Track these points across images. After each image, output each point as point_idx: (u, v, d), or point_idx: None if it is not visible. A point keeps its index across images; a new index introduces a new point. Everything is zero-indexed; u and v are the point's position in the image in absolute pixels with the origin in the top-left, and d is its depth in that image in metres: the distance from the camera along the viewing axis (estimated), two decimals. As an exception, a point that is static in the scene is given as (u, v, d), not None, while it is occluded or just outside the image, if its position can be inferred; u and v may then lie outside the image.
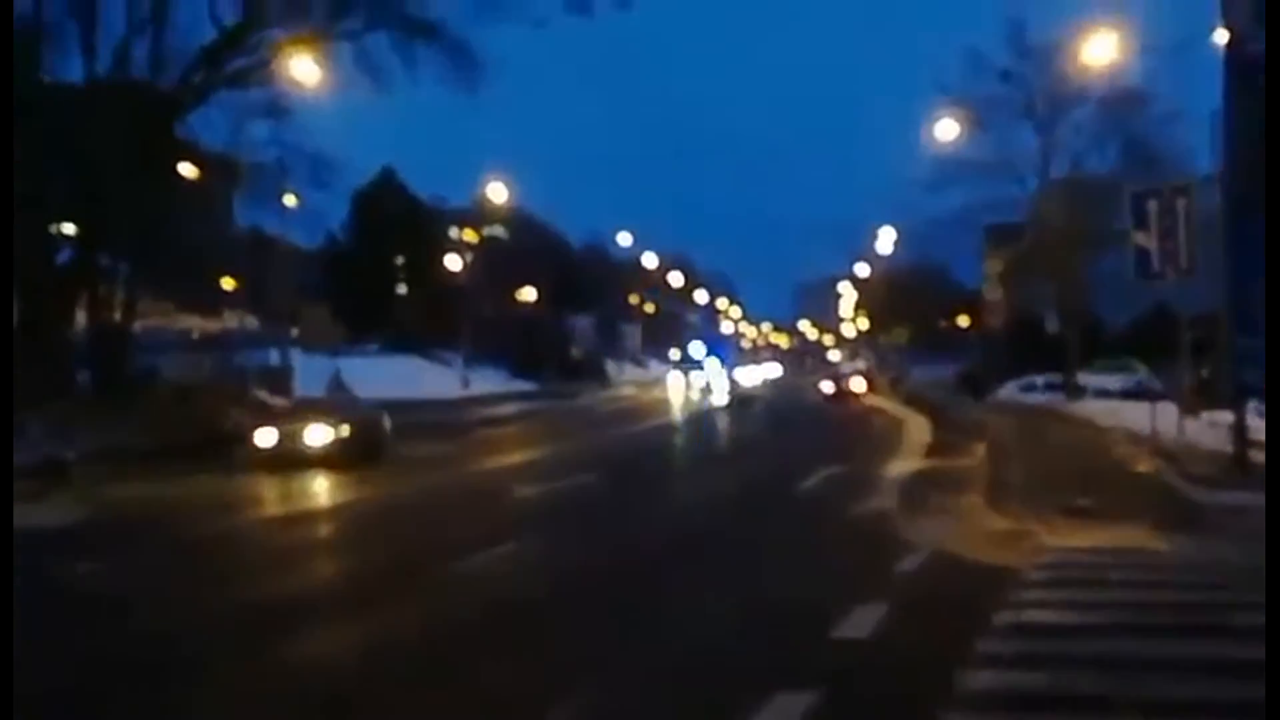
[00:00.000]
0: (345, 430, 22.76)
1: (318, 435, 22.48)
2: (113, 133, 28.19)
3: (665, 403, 52.50)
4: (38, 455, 21.60)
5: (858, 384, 57.28)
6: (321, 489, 19.63)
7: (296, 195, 33.71)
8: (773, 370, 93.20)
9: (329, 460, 21.81)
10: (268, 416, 23.90)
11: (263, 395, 31.18)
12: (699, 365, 75.76)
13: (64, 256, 29.68)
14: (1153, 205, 19.78)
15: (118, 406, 26.36)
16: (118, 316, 29.91)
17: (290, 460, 21.63)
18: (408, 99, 33.94)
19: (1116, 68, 34.35)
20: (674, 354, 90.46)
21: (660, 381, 73.66)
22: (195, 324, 39.24)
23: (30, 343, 27.95)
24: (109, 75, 29.05)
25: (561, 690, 7.42)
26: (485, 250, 61.77)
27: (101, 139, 28.48)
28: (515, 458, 25.15)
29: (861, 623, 8.84)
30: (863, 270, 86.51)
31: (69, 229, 30.49)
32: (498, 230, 66.17)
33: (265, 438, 22.45)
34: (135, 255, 30.89)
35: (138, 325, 30.88)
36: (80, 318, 29.51)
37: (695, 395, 60.46)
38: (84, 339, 29.61)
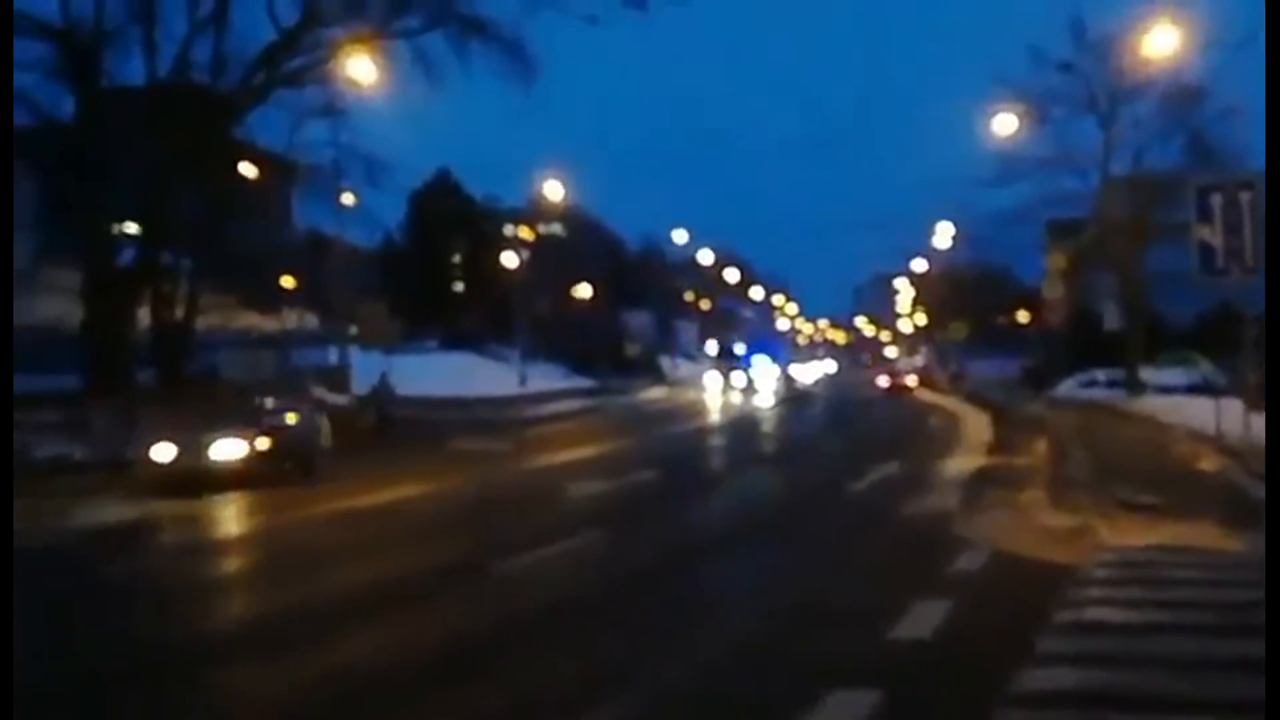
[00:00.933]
0: (263, 443, 19.53)
1: (227, 449, 19.13)
2: (174, 134, 28.57)
3: (707, 402, 51.85)
4: (100, 452, 21.96)
5: (910, 379, 64.77)
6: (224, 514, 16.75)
7: (354, 194, 33.99)
8: (828, 366, 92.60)
9: (241, 478, 18.70)
10: (168, 426, 20.01)
11: (322, 393, 31.51)
12: (742, 362, 74.02)
13: (127, 256, 30.09)
14: (1217, 199, 19.47)
15: (179, 404, 26.68)
16: (179, 315, 30.31)
17: (191, 479, 18.33)
18: (463, 98, 34.13)
19: (1178, 61, 33.84)
20: (711, 348, 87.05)
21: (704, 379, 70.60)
22: (254, 322, 39.64)
23: (93, 341, 28.41)
24: (170, 77, 29.42)
25: (618, 684, 7.42)
26: (541, 248, 61.97)
27: (163, 140, 28.87)
28: (565, 456, 25.07)
29: (921, 621, 8.77)
30: (920, 266, 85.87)
31: (131, 229, 30.91)
32: (554, 228, 66.37)
33: (163, 452, 18.99)
34: (196, 254, 31.29)
35: (199, 323, 31.25)
36: (143, 316, 29.92)
37: (737, 394, 58.84)
38: (147, 337, 30.01)
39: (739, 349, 77.61)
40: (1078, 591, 9.80)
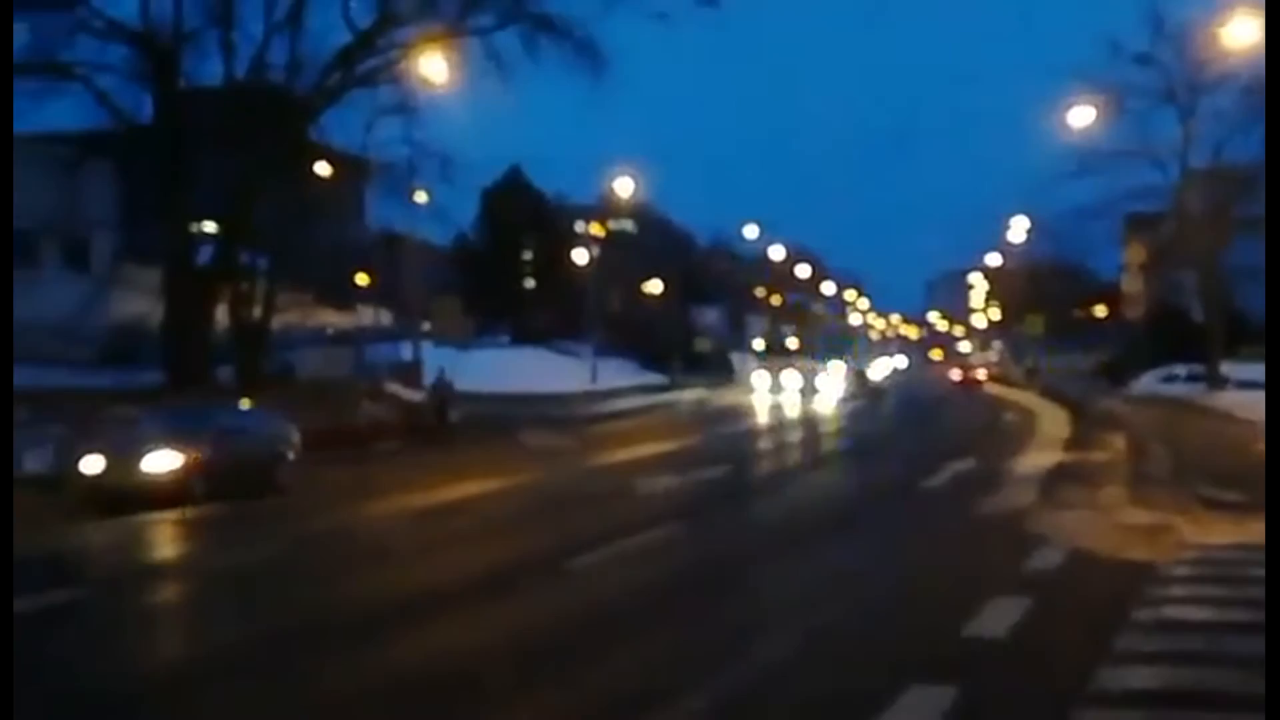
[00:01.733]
0: (201, 453, 17.09)
1: (159, 461, 16.74)
2: (251, 135, 29.01)
3: (757, 403, 49.10)
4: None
5: (981, 373, 70.43)
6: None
7: (427, 192, 34.24)
8: (899, 362, 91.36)
9: (176, 494, 16.43)
10: (99, 434, 17.65)
11: (395, 388, 31.83)
12: (816, 359, 68.72)
13: (206, 255, 30.61)
14: (1301, 190, 19.06)
15: (257, 401, 27.09)
16: (257, 313, 30.77)
17: (120, 495, 16.12)
18: (535, 95, 34.30)
19: (1259, 52, 33.11)
20: (758, 343, 77.50)
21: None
22: (330, 320, 40.14)
23: (173, 338, 28.95)
24: (247, 79, 29.86)
25: (698, 675, 7.46)
26: (612, 244, 62.08)
27: (240, 141, 29.33)
28: (634, 452, 24.97)
29: (998, 619, 8.72)
30: (994, 261, 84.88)
31: (210, 228, 31.43)
32: (625, 224, 66.43)
33: (92, 464, 16.72)
34: (273, 253, 31.74)
35: (275, 321, 31.69)
36: (222, 314, 30.42)
37: (788, 396, 53.70)
38: (226, 335, 30.51)
39: (791, 343, 72.74)
40: (1157, 590, 9.70)
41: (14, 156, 24.37)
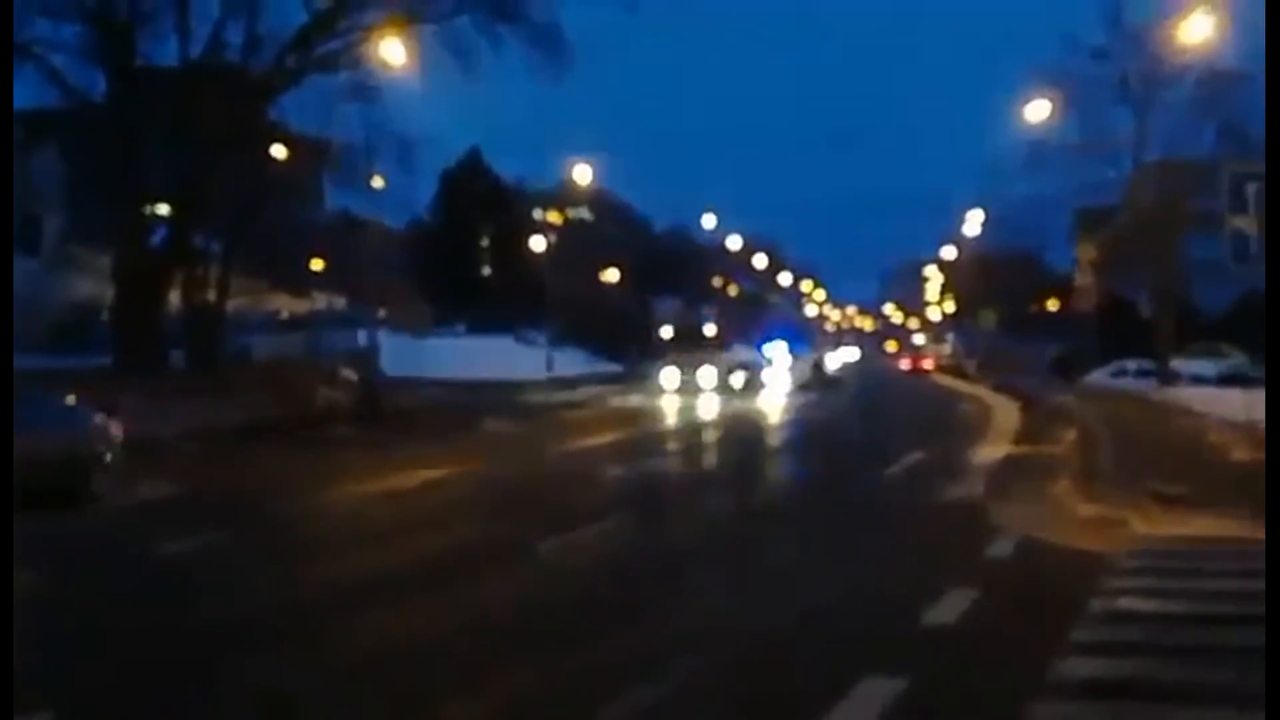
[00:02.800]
0: None
1: None
2: (207, 116, 28.70)
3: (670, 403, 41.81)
4: (131, 433, 22.07)
5: (928, 363, 76.76)
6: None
7: (384, 177, 34.06)
8: (852, 354, 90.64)
9: None
10: None
11: (350, 375, 31.65)
12: (754, 350, 56.92)
13: (158, 238, 30.29)
14: (1252, 188, 19.37)
15: (210, 385, 26.88)
16: (211, 297, 30.49)
17: None
18: (494, 81, 34.11)
19: (1213, 47, 33.47)
20: (665, 331, 62.36)
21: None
22: (285, 304, 39.85)
23: (124, 322, 28.64)
24: (203, 59, 29.54)
25: (641, 671, 7.34)
26: (569, 232, 62.00)
27: (196, 122, 29.02)
28: (588, 441, 24.80)
29: (950, 609, 8.72)
30: (950, 253, 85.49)
31: (162, 211, 31.11)
32: (582, 212, 66.34)
33: None
34: (228, 236, 31.47)
35: (229, 305, 31.43)
36: (174, 298, 30.12)
37: (699, 396, 42.19)
38: (178, 319, 30.23)
39: (709, 330, 58.29)
40: (1108, 580, 9.74)
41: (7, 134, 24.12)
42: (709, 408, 37.30)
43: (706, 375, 45.80)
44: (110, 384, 25.40)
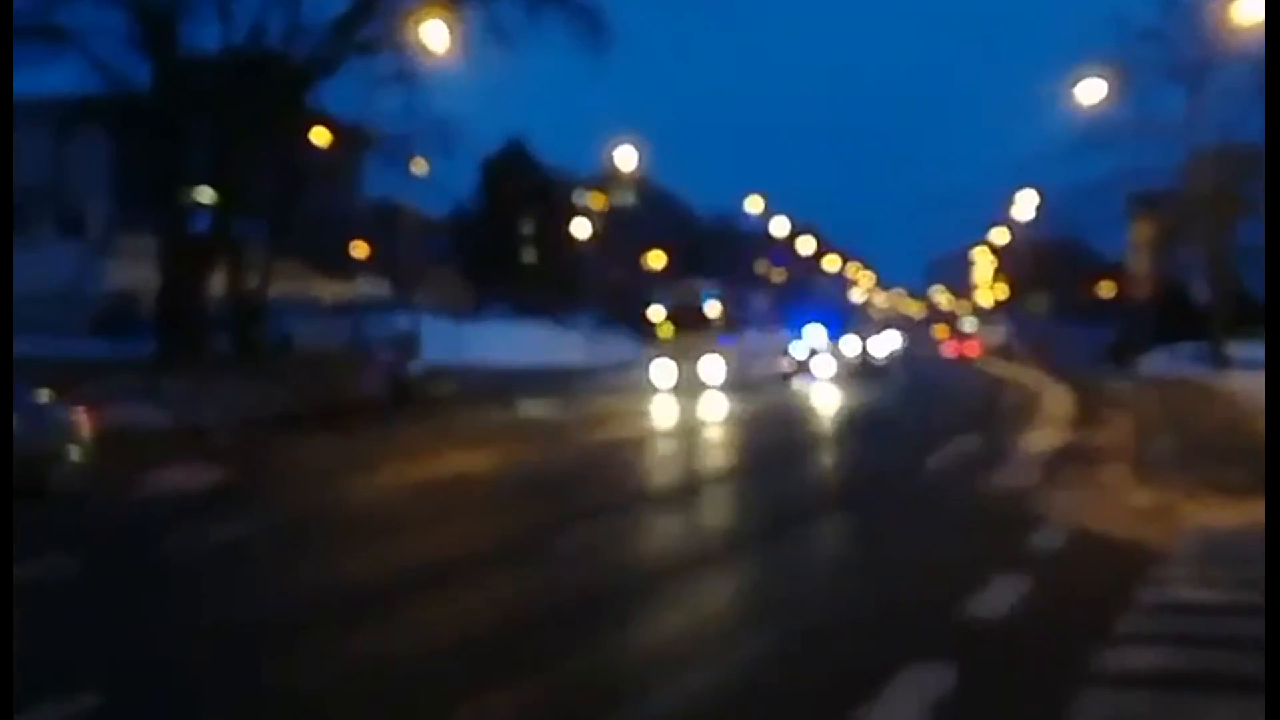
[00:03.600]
0: None
1: None
2: (248, 102, 28.72)
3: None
4: (175, 419, 22.16)
5: (973, 347, 73.00)
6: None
7: (425, 163, 34.01)
8: (896, 339, 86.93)
9: None
10: None
11: (389, 360, 31.64)
12: (717, 335, 41.32)
13: (201, 225, 30.36)
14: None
15: (253, 372, 26.94)
16: (253, 284, 30.57)
17: None
18: (536, 65, 33.94)
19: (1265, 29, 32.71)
20: (655, 312, 41.82)
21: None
22: (327, 291, 39.96)
23: (168, 308, 28.74)
24: (244, 45, 29.55)
25: (687, 657, 7.35)
26: (612, 217, 61.87)
27: (237, 109, 29.03)
28: (626, 430, 24.66)
29: (999, 598, 8.58)
30: (1000, 237, 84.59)
31: (205, 198, 31.18)
32: (626, 197, 66.17)
33: None
34: (270, 223, 31.53)
35: (272, 292, 31.50)
36: (218, 283, 30.22)
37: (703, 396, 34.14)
38: (222, 305, 30.34)
39: (712, 310, 40.77)
40: (1160, 570, 9.58)
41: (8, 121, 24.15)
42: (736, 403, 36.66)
43: (711, 369, 36.23)
44: (153, 370, 25.56)
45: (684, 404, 30.71)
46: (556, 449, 20.91)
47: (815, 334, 48.12)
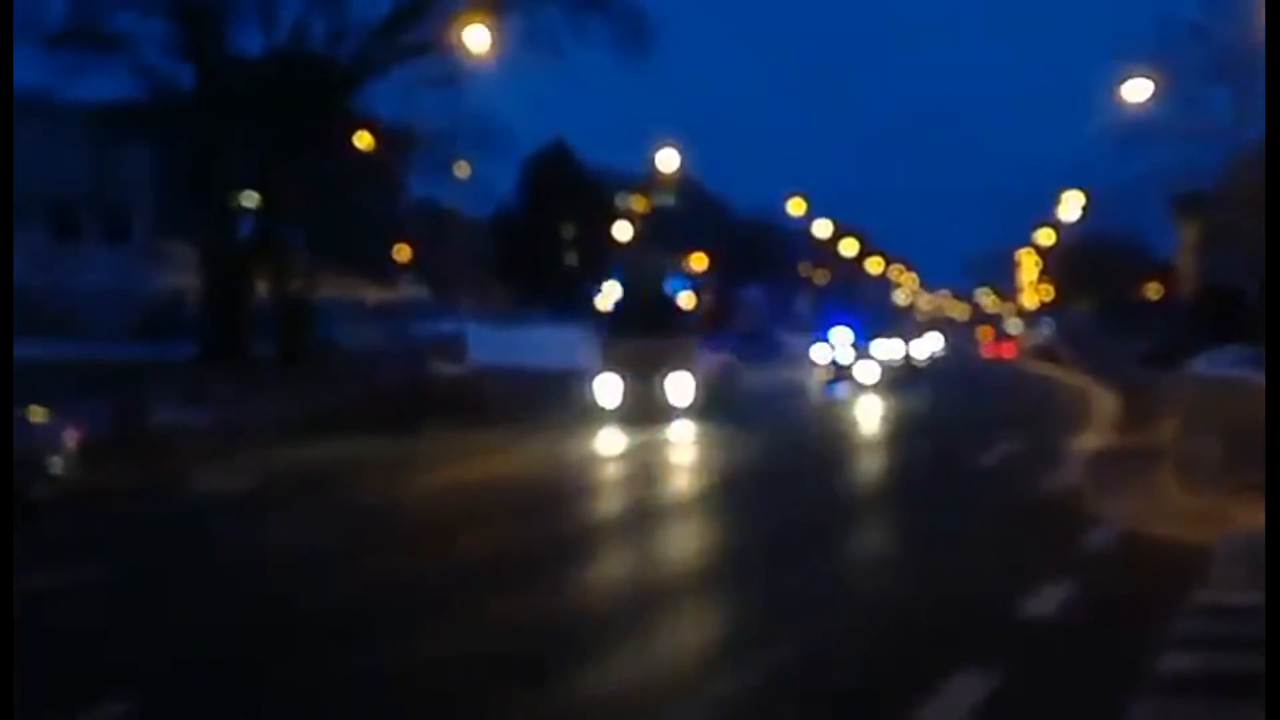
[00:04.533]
0: None
1: None
2: (291, 106, 28.90)
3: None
4: (219, 420, 22.30)
5: (1011, 348, 75.82)
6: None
7: (468, 164, 34.10)
8: (938, 341, 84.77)
9: None
10: None
11: (435, 364, 31.67)
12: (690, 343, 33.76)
13: (245, 228, 30.58)
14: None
15: (297, 374, 27.07)
16: (297, 287, 30.76)
17: None
18: (578, 67, 33.95)
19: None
20: (604, 298, 39.93)
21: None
22: (370, 293, 40.16)
23: (212, 312, 28.97)
24: (287, 48, 29.73)
25: (736, 659, 7.40)
26: (654, 219, 61.82)
27: (280, 111, 29.23)
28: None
29: (1048, 601, 8.56)
30: (1045, 238, 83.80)
31: (249, 201, 31.42)
32: (667, 199, 66.11)
33: None
34: (313, 226, 31.71)
35: (315, 295, 31.67)
36: (263, 287, 30.41)
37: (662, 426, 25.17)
38: (266, 308, 30.53)
39: (685, 301, 35.38)
40: (1209, 572, 9.49)
41: (54, 127, 24.49)
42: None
43: (678, 387, 26.45)
44: (197, 372, 25.76)
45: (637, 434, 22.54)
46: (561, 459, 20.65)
47: (840, 337, 45.01)
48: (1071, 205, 65.77)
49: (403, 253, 42.22)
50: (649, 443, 21.21)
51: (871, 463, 20.71)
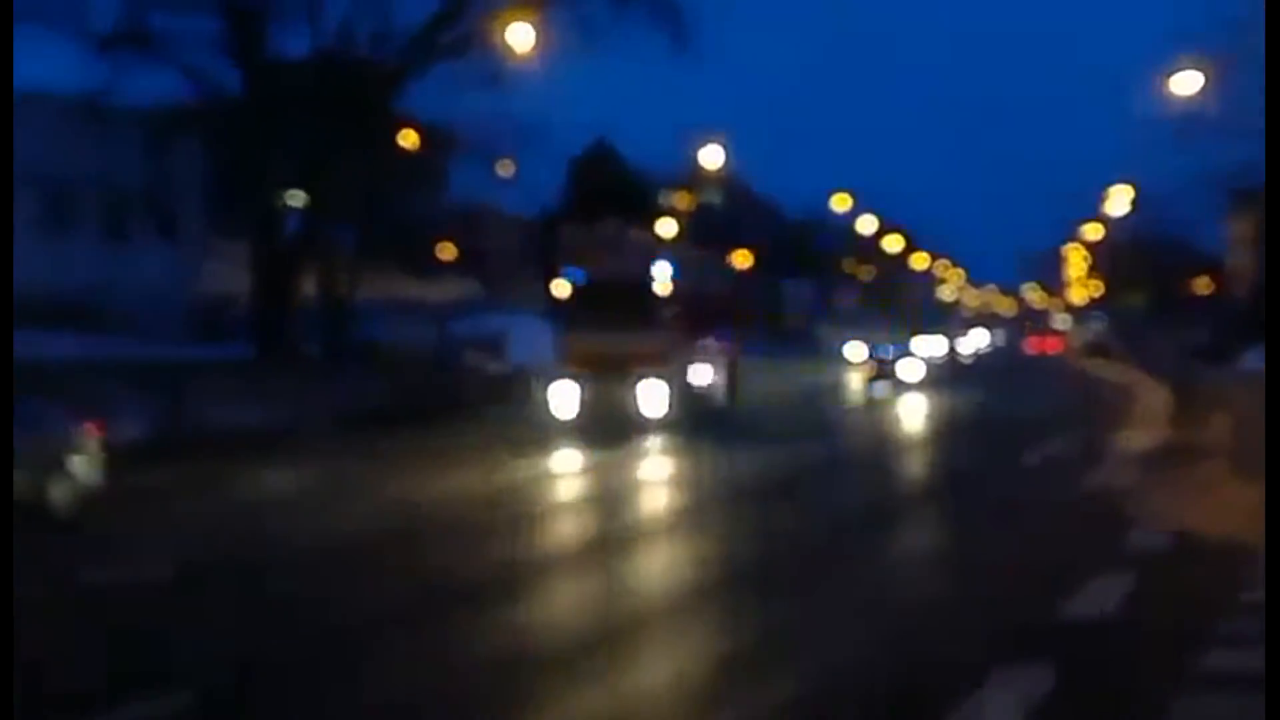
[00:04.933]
0: None
1: None
2: (336, 106, 29.06)
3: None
4: (269, 420, 22.47)
5: (1056, 343, 77.81)
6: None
7: (512, 164, 34.13)
8: (985, 339, 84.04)
9: None
10: None
11: (479, 361, 31.84)
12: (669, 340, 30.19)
13: (292, 228, 30.77)
14: None
15: (342, 374, 27.25)
16: (344, 286, 30.95)
17: None
18: (622, 65, 33.92)
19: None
20: (563, 286, 26.27)
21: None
22: (415, 292, 40.34)
23: (261, 312, 29.18)
24: (332, 49, 29.90)
25: (787, 653, 7.43)
26: (699, 216, 61.68)
27: (327, 112, 29.40)
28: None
29: (1098, 598, 8.52)
30: (1093, 233, 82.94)
31: (296, 202, 31.60)
32: (712, 196, 65.96)
33: None
34: (359, 226, 31.86)
35: (361, 294, 31.83)
36: (310, 286, 30.62)
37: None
38: (313, 308, 30.75)
39: (660, 286, 24.96)
40: (1259, 570, 9.26)
41: (105, 129, 24.73)
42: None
43: (650, 395, 22.44)
44: (250, 372, 25.99)
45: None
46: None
47: (866, 342, 43.85)
48: (1119, 200, 65.09)
49: (447, 251, 42.40)
50: (607, 462, 18.64)
51: (921, 458, 20.56)
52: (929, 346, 47.41)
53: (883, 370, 37.62)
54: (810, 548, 11.41)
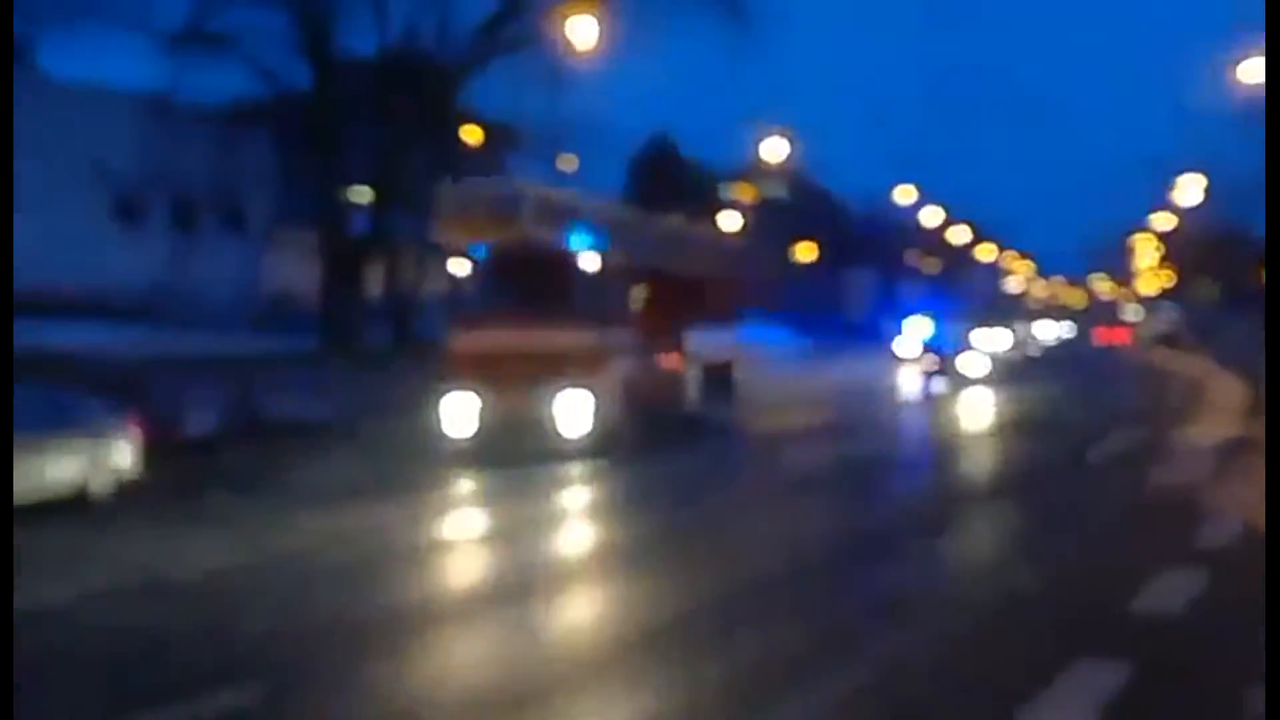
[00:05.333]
0: None
1: None
2: (401, 103, 29.29)
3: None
4: (336, 412, 22.61)
5: (1123, 334, 78.65)
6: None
7: (573, 159, 34.18)
8: (1052, 331, 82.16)
9: None
10: None
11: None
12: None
13: (359, 223, 31.07)
14: None
15: (403, 367, 27.38)
16: (409, 280, 31.21)
17: None
18: (682, 58, 33.83)
19: None
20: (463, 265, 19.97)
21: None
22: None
23: (329, 304, 29.48)
24: (397, 46, 30.13)
25: (849, 651, 7.44)
26: (762, 210, 61.41)
27: (392, 108, 29.63)
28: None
29: (1173, 593, 8.47)
30: (1163, 223, 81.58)
31: (362, 198, 31.87)
32: (775, 189, 65.65)
33: None
34: (423, 220, 32.01)
35: (426, 287, 32.01)
36: (376, 281, 30.91)
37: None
38: (381, 300, 31.04)
39: (589, 261, 18.25)
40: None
41: (174, 125, 25.01)
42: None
43: (570, 409, 17.41)
44: (317, 365, 26.21)
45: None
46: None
47: (917, 328, 41.04)
48: (1189, 189, 63.96)
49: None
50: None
51: (991, 452, 20.29)
52: (993, 340, 45.28)
53: (940, 365, 36.20)
54: (872, 539, 11.33)
